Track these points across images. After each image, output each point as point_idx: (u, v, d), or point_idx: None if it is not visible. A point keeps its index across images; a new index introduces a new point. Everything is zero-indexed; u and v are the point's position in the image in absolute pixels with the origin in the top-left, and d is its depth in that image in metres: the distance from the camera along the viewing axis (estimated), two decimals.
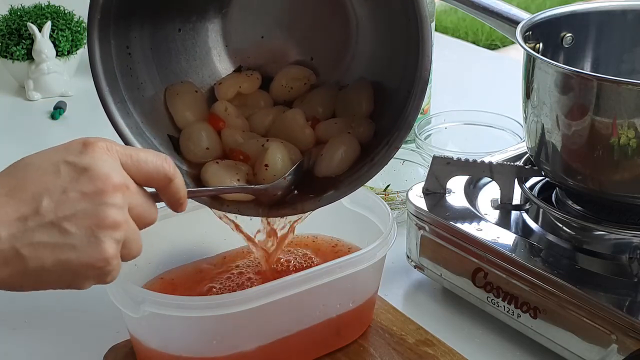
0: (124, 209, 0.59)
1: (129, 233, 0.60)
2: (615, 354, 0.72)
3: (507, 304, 0.80)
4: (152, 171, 0.62)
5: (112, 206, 0.58)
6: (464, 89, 1.48)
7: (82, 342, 0.85)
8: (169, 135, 0.80)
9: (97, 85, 0.74)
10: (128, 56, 0.77)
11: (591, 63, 0.92)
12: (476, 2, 0.93)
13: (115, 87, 0.75)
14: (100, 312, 0.85)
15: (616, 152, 0.76)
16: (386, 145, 0.75)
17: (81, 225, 0.57)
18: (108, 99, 0.74)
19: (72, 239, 0.57)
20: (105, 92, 0.74)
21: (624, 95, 0.74)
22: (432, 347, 0.81)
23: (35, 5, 1.51)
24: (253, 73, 0.84)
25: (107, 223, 0.57)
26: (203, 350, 0.75)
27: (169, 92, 0.81)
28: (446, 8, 3.63)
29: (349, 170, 0.78)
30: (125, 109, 0.76)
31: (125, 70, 0.77)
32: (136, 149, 0.64)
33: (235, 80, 0.83)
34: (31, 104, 1.47)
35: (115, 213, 0.58)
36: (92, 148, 0.59)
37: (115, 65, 0.75)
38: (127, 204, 0.59)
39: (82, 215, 0.57)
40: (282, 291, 0.73)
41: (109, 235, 0.58)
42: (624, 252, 0.79)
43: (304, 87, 0.83)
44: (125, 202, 0.59)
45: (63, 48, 1.48)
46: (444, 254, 0.86)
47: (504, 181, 0.89)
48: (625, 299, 0.74)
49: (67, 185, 0.57)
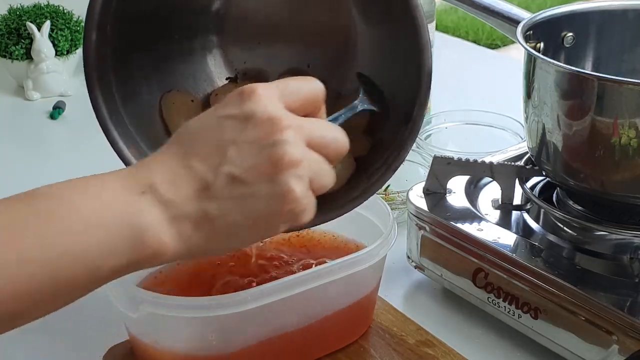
0: (299, 144, 0.57)
1: (313, 166, 0.58)
2: (616, 355, 0.71)
3: (508, 305, 0.80)
4: (309, 95, 0.61)
5: (284, 144, 0.56)
6: (464, 89, 1.47)
7: (81, 342, 0.84)
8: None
9: (90, 91, 0.74)
10: (125, 64, 0.76)
11: (592, 63, 0.91)
12: (477, 1, 0.92)
13: (109, 95, 0.75)
14: (100, 312, 0.85)
15: (617, 152, 0.75)
16: (384, 164, 0.74)
17: (259, 172, 0.56)
18: (102, 108, 0.74)
19: (253, 188, 0.56)
20: (100, 101, 0.74)
21: (625, 95, 0.74)
22: (433, 347, 0.81)
23: (35, 4, 1.50)
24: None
25: (284, 163, 0.56)
26: (202, 349, 0.75)
27: (165, 101, 0.80)
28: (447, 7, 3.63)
29: (345, 186, 0.77)
30: (119, 118, 0.75)
31: (122, 79, 0.76)
32: (285, 80, 0.62)
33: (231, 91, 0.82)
34: (30, 104, 1.46)
35: (289, 150, 0.56)
36: (250, 96, 0.57)
37: (111, 72, 0.75)
38: (302, 139, 0.58)
39: (258, 163, 0.56)
40: (282, 291, 0.73)
41: (290, 174, 0.56)
42: (625, 253, 0.79)
43: None
44: (297, 137, 0.57)
45: (62, 47, 1.48)
46: (444, 254, 0.86)
47: (505, 181, 0.89)
48: (626, 300, 0.73)
49: (235, 137, 0.56)
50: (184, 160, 0.57)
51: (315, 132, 0.59)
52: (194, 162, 0.56)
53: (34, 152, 1.32)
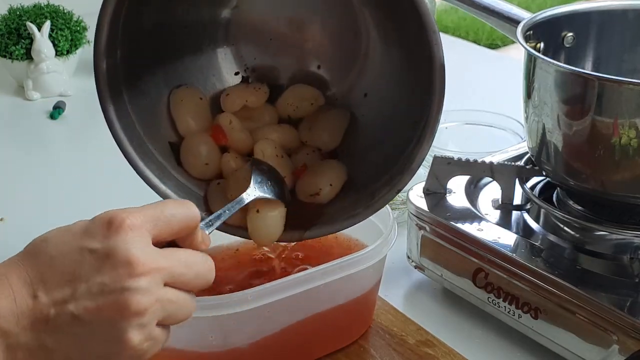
0: (152, 290, 0.56)
1: (167, 306, 0.58)
2: (616, 355, 0.71)
3: (508, 305, 0.80)
4: (182, 223, 0.60)
5: (134, 291, 0.55)
6: (464, 89, 1.47)
7: None
8: (170, 143, 0.78)
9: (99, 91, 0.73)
10: (133, 61, 0.75)
11: (592, 62, 0.91)
12: (477, 1, 0.92)
13: (118, 94, 0.74)
14: None
15: (617, 152, 0.75)
16: (388, 185, 0.73)
17: (101, 316, 0.55)
18: (110, 108, 0.73)
19: (93, 329, 0.56)
20: (107, 101, 0.73)
21: (625, 95, 0.74)
22: (433, 347, 0.81)
23: (35, 4, 1.50)
24: (261, 87, 0.82)
25: (129, 312, 0.55)
26: (202, 348, 0.75)
27: (174, 98, 0.79)
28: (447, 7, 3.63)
29: (339, 199, 0.76)
30: (127, 119, 0.75)
31: (130, 77, 0.75)
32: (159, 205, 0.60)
33: (242, 93, 0.81)
34: (30, 104, 1.46)
35: (136, 299, 0.55)
36: (117, 230, 0.56)
37: (119, 71, 0.74)
38: (160, 281, 0.57)
39: (103, 306, 0.55)
40: (282, 291, 0.73)
41: (131, 323, 0.56)
42: (625, 253, 0.79)
43: (311, 107, 0.81)
44: (153, 281, 0.56)
45: (62, 47, 1.48)
46: (444, 254, 0.86)
47: (505, 181, 0.89)
48: (627, 300, 0.73)
49: (89, 275, 0.56)
50: (31, 288, 0.56)
51: (175, 270, 0.58)
52: (40, 293, 0.56)
53: (34, 152, 1.32)
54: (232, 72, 0.84)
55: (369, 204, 0.73)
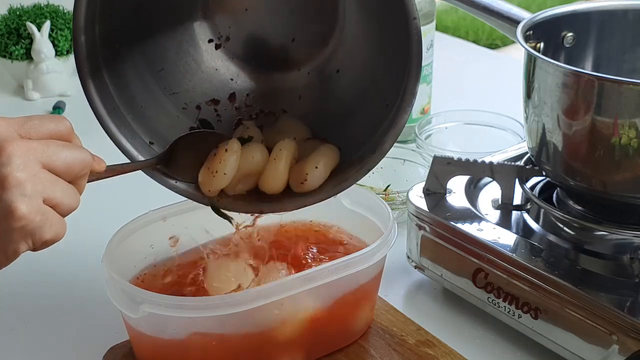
0: (28, 166, 0.58)
1: (47, 185, 0.59)
2: (616, 355, 0.71)
3: (508, 305, 0.80)
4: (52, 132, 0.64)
5: (11, 166, 0.57)
6: (464, 89, 1.47)
7: (81, 342, 0.84)
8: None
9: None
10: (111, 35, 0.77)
11: (592, 63, 0.91)
12: (477, 1, 0.92)
13: (97, 69, 0.76)
14: (100, 312, 0.85)
15: (617, 152, 0.75)
16: (359, 163, 0.74)
17: None
18: (89, 82, 0.77)
19: None
20: (87, 76, 0.76)
21: (625, 95, 0.74)
22: (433, 347, 0.81)
23: (34, 4, 1.50)
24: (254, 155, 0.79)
25: (8, 183, 0.57)
26: (202, 348, 0.75)
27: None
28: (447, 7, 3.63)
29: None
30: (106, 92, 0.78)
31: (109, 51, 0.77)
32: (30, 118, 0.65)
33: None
34: (30, 104, 1.46)
35: (14, 171, 0.57)
36: None
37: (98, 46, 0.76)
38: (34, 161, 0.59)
39: None
40: (282, 292, 0.73)
41: (14, 193, 0.57)
42: (625, 253, 0.79)
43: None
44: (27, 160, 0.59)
45: (62, 47, 1.48)
46: (444, 254, 0.86)
47: (505, 181, 0.89)
48: (627, 300, 0.73)
49: None
50: None
51: (50, 150, 0.61)
52: None
53: None
54: (205, 40, 0.84)
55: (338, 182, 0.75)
